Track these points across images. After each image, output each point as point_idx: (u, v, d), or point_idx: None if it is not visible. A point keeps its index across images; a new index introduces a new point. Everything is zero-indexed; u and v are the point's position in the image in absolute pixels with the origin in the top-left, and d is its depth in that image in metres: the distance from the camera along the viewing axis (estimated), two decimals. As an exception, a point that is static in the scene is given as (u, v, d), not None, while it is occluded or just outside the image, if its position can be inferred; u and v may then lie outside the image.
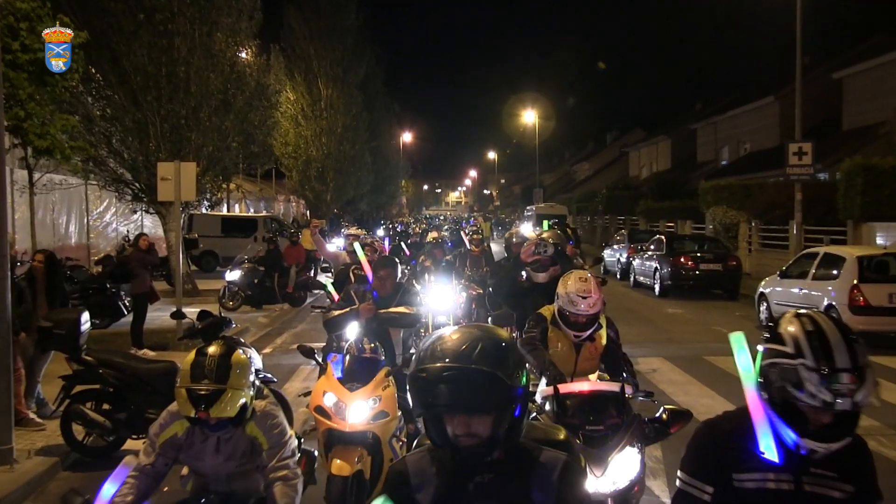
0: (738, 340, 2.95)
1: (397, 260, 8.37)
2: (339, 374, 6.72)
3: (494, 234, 55.23)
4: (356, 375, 6.57)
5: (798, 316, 2.88)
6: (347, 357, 6.77)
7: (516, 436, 2.53)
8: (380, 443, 6.40)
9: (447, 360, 2.40)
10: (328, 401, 6.46)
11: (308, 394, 7.10)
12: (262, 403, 4.48)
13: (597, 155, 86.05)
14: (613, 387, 5.58)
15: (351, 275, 9.99)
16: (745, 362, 2.90)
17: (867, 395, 2.62)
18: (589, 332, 6.00)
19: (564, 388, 5.52)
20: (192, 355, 4.14)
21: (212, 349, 4.20)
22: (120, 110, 20.50)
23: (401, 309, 7.24)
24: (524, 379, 2.50)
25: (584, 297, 5.87)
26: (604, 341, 6.17)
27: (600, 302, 5.96)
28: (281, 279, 21.47)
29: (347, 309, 7.12)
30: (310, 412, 6.81)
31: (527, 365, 2.59)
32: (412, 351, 7.22)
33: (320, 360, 7.41)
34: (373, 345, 6.76)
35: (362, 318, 7.11)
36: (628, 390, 5.62)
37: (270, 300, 21.44)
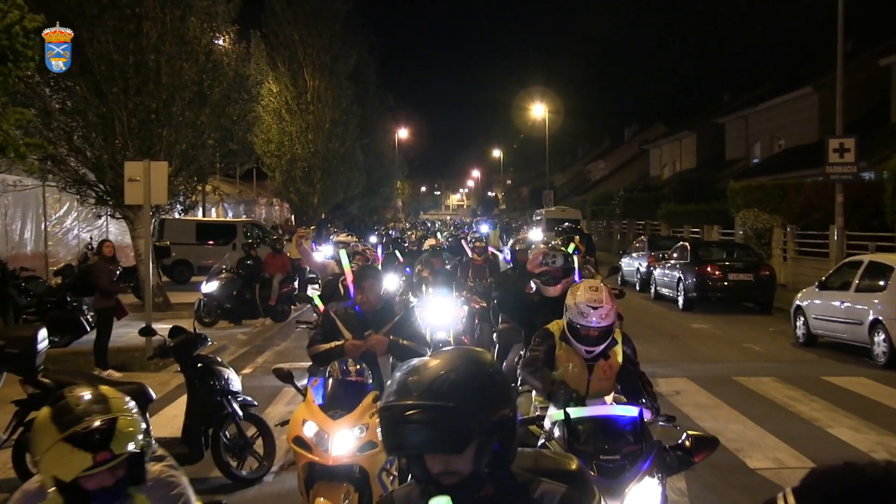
0: None
1: (380, 268, 8.32)
2: (320, 401, 6.62)
3: (503, 241, 54.59)
4: (340, 401, 6.47)
5: None
6: (330, 381, 6.64)
7: (503, 469, 2.53)
8: (367, 477, 6.29)
9: (415, 394, 2.40)
10: (308, 431, 6.37)
11: (286, 423, 7.01)
12: (157, 468, 3.76)
13: (613, 152, 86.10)
14: (631, 411, 5.57)
15: (340, 287, 9.95)
16: None
17: None
18: (602, 348, 5.98)
19: (576, 412, 5.50)
20: (44, 411, 3.48)
21: (74, 391, 3.55)
22: (82, 103, 20.47)
23: (419, 349, 6.92)
24: (505, 409, 2.48)
25: (596, 308, 5.85)
26: (619, 359, 6.14)
27: (614, 313, 5.94)
28: (263, 291, 21.43)
29: (333, 344, 6.96)
30: (288, 444, 6.74)
31: (510, 391, 2.55)
32: None
33: (302, 384, 7.32)
34: (358, 366, 6.63)
35: (347, 357, 6.84)
36: (647, 414, 5.60)
37: (251, 314, 21.40)
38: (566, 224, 20.49)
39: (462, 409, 2.37)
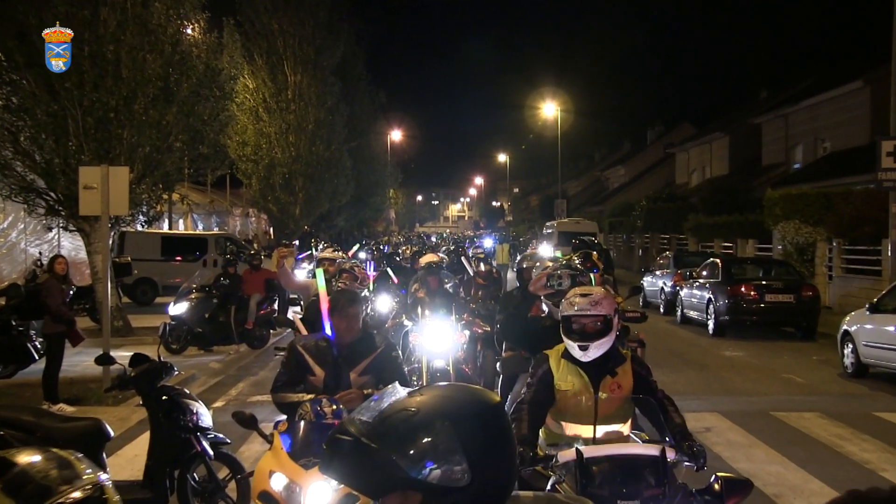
0: None
1: (371, 288, 8.27)
2: (289, 448, 6.47)
3: (514, 258, 54.30)
4: (314, 448, 6.28)
5: None
6: (301, 424, 6.49)
7: None
8: None
9: (370, 422, 2.47)
10: (277, 484, 6.27)
11: (250, 475, 6.90)
12: None
13: (635, 157, 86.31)
14: (652, 449, 5.58)
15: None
16: None
17: None
18: (601, 351, 6.02)
19: (591, 451, 5.52)
20: None
21: (19, 456, 3.40)
22: (29, 99, 20.43)
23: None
24: (464, 476, 2.42)
25: (585, 295, 6.08)
26: (630, 378, 6.18)
27: (608, 305, 6.08)
28: (238, 314, 21.44)
29: (297, 397, 6.83)
30: (253, 501, 6.58)
31: (479, 450, 2.49)
32: None
33: (274, 421, 7.21)
34: (335, 406, 6.49)
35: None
36: (671, 454, 5.60)
37: (225, 340, 21.41)
38: (582, 237, 20.41)
39: (384, 454, 2.41)
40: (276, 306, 22.81)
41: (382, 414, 2.47)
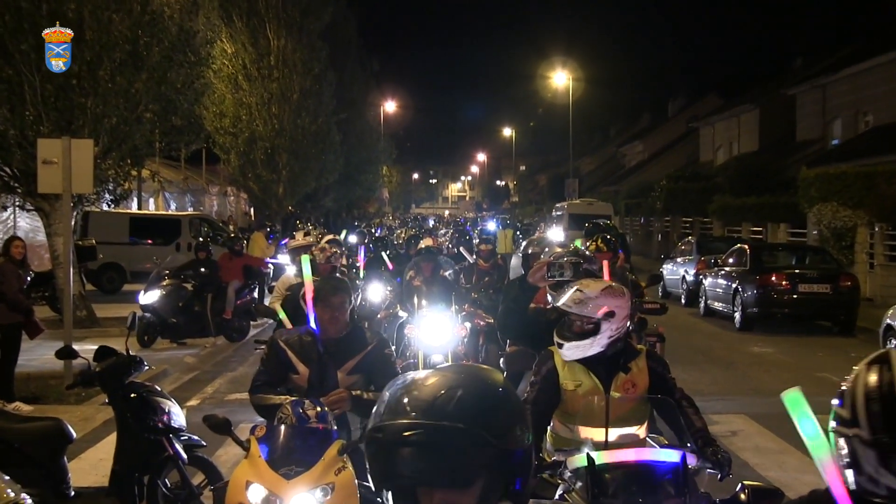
0: (794, 402, 2.85)
1: (362, 276, 8.24)
2: (268, 455, 6.34)
3: (516, 246, 54.41)
4: (295, 455, 6.22)
5: (878, 360, 2.80)
6: (282, 428, 6.39)
7: None
8: None
9: (413, 414, 2.41)
10: (254, 496, 6.16)
11: (226, 484, 6.83)
12: None
13: (654, 132, 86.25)
14: (671, 455, 5.57)
15: (301, 302, 9.90)
16: (811, 430, 2.83)
17: None
18: (578, 351, 5.99)
19: (603, 457, 5.52)
20: None
21: None
22: (-20, 64, 20.38)
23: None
24: (524, 435, 2.50)
25: (581, 291, 6.05)
26: (645, 375, 6.16)
27: (597, 308, 6.00)
28: (216, 303, 21.39)
29: (278, 400, 6.76)
30: None
31: (528, 415, 2.58)
32: None
33: (253, 423, 7.15)
34: (319, 409, 6.39)
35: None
36: (692, 460, 5.60)
37: (200, 332, 21.39)
38: (596, 220, 20.33)
39: (472, 432, 2.38)
40: (255, 294, 22.79)
41: (425, 398, 2.44)
